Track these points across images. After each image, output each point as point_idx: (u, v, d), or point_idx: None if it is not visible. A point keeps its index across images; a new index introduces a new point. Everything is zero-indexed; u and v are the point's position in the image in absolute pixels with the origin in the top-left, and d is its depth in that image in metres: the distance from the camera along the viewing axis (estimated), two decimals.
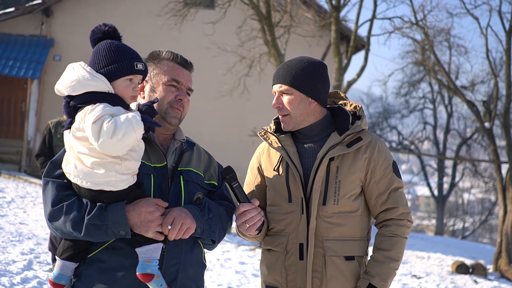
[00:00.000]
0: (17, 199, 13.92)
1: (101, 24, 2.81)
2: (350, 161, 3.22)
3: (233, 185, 3.04)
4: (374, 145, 3.26)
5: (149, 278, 2.70)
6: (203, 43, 19.84)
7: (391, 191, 3.25)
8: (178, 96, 3.00)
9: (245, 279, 9.73)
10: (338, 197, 3.17)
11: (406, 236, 3.25)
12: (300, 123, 3.28)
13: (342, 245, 3.18)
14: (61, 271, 2.81)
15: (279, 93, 3.30)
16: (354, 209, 3.22)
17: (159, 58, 3.06)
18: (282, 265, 3.25)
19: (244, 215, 3.08)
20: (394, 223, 3.23)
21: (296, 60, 3.31)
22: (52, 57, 20.60)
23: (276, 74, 3.32)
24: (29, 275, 7.53)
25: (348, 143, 3.22)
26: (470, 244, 30.35)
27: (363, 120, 3.28)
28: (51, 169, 2.83)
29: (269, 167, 3.36)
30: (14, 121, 20.79)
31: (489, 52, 17.52)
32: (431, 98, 35.43)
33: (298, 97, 3.25)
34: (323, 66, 3.32)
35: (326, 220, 3.18)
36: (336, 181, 3.18)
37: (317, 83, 3.26)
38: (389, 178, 3.25)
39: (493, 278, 14.40)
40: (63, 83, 2.70)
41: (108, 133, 2.53)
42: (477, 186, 43.15)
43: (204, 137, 19.70)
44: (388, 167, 3.26)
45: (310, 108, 3.27)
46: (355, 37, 16.15)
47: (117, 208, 2.69)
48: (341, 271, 3.18)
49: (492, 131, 17.15)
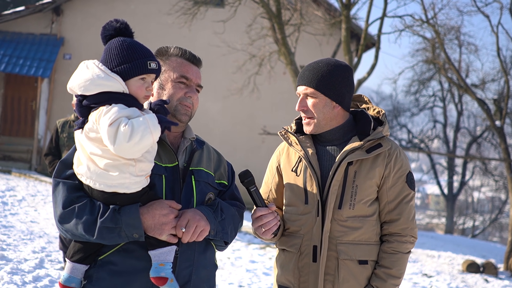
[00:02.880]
0: (28, 198, 13.97)
1: (113, 20, 2.73)
2: (368, 166, 3.19)
3: (251, 189, 3.05)
4: (393, 153, 3.24)
5: (163, 282, 2.66)
6: (213, 41, 19.84)
7: (400, 201, 3.23)
8: (187, 93, 2.94)
9: (256, 277, 9.72)
10: (354, 201, 3.16)
11: (408, 252, 3.24)
12: (322, 127, 3.26)
13: (355, 249, 3.17)
14: (71, 274, 2.76)
15: (304, 95, 3.26)
16: (369, 214, 3.20)
17: (167, 55, 3.00)
18: (296, 266, 3.25)
19: (260, 219, 3.10)
20: (396, 240, 3.21)
21: (323, 63, 3.26)
22: (62, 56, 20.64)
23: (302, 76, 3.27)
24: (40, 274, 7.55)
25: (368, 148, 3.20)
26: (480, 242, 30.26)
27: (385, 126, 3.26)
28: (61, 169, 2.77)
29: (288, 167, 3.35)
30: (25, 119, 20.87)
31: (500, 50, 17.38)
32: (441, 96, 35.33)
33: (323, 101, 3.22)
34: (349, 70, 3.29)
35: (340, 223, 3.17)
36: (353, 186, 3.17)
37: (343, 87, 3.23)
38: (401, 188, 3.22)
39: (504, 277, 14.34)
40: (76, 82, 2.63)
41: (125, 136, 2.48)
42: (487, 185, 43.07)
43: (213, 135, 19.70)
44: (401, 176, 3.23)
45: (333, 112, 3.24)
46: (365, 35, 16.10)
47: (131, 210, 2.65)
48: (353, 275, 3.17)
49: (503, 129, 17.08)
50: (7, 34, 20.46)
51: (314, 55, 19.44)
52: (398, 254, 3.19)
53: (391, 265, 3.18)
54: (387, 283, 3.16)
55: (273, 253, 12.59)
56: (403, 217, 3.21)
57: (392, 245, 3.20)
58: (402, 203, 3.22)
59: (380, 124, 3.31)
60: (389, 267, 3.18)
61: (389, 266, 3.18)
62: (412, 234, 3.23)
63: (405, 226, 3.21)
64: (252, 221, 3.16)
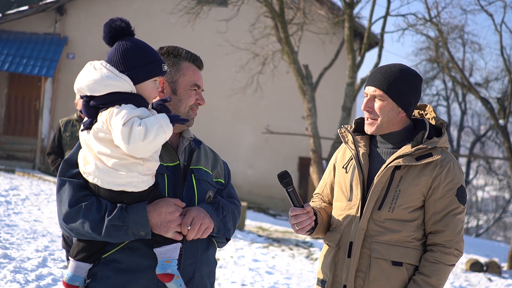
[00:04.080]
0: (31, 197, 14.00)
1: (117, 20, 2.71)
2: (415, 174, 3.21)
3: (288, 189, 3.14)
4: (446, 164, 3.23)
5: (169, 278, 2.69)
6: (216, 40, 19.86)
7: (447, 214, 3.22)
8: (197, 100, 3.02)
9: (259, 276, 9.73)
10: (394, 205, 3.19)
11: (451, 264, 3.22)
12: (383, 129, 3.30)
13: (390, 249, 3.19)
14: (75, 272, 2.77)
15: (371, 97, 3.30)
16: (409, 219, 3.22)
17: (179, 57, 3.01)
18: (333, 260, 3.34)
19: (294, 218, 3.21)
20: (440, 250, 3.19)
21: (396, 68, 3.29)
22: (66, 55, 20.70)
23: (373, 77, 3.31)
24: (43, 272, 7.57)
25: (417, 156, 3.22)
26: (484, 242, 30.23)
27: (442, 138, 3.28)
28: (65, 168, 2.78)
29: (341, 164, 3.45)
30: (28, 119, 20.92)
31: (504, 49, 17.43)
32: (445, 95, 35.32)
33: (390, 105, 3.26)
34: (419, 79, 3.33)
35: (378, 223, 3.22)
36: (396, 190, 3.21)
37: (411, 95, 3.28)
38: (449, 200, 3.21)
39: (507, 276, 14.33)
40: (84, 83, 2.62)
41: (140, 136, 2.50)
42: (491, 184, 43.04)
43: (217, 134, 19.72)
44: (452, 189, 3.22)
45: (397, 118, 3.29)
46: (369, 34, 16.11)
47: (139, 209, 2.67)
48: (385, 275, 3.18)
49: (507, 128, 17.07)
50: (11, 33, 20.51)
51: (317, 54, 19.48)
52: (439, 264, 3.17)
53: (431, 274, 3.16)
54: None
55: (276, 252, 12.61)
56: (449, 229, 3.20)
57: (434, 255, 3.19)
58: (449, 215, 3.21)
59: (439, 135, 3.33)
60: (428, 275, 3.16)
61: (429, 275, 3.16)
62: (457, 247, 3.22)
63: (450, 239, 3.20)
64: (289, 218, 3.28)
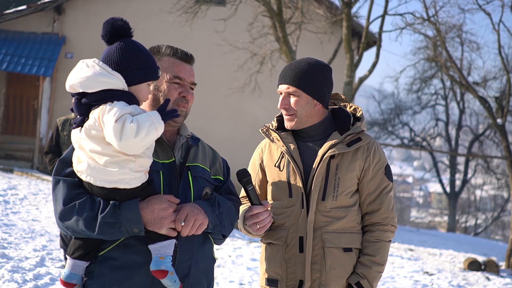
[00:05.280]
0: (29, 196, 14.00)
1: (117, 19, 2.72)
2: (349, 159, 3.35)
3: (248, 187, 3.17)
4: (371, 146, 3.40)
5: (163, 275, 2.69)
6: (214, 40, 19.85)
7: (380, 192, 3.39)
8: (181, 93, 2.97)
9: (257, 275, 9.73)
10: (337, 193, 3.31)
11: (389, 240, 3.41)
12: (304, 123, 3.40)
13: (340, 237, 3.31)
14: (72, 270, 2.77)
15: (286, 94, 3.40)
16: (351, 204, 3.36)
17: (159, 54, 3.01)
18: (283, 258, 3.38)
19: (256, 217, 3.23)
20: (378, 228, 3.38)
21: (304, 62, 3.40)
22: (64, 55, 20.70)
23: (284, 75, 3.41)
24: (41, 272, 7.57)
25: (348, 142, 3.36)
26: (482, 241, 30.27)
27: (363, 122, 3.43)
28: (61, 167, 2.79)
29: (270, 163, 3.48)
30: (27, 118, 20.92)
31: (502, 48, 17.39)
32: (443, 94, 35.34)
33: (305, 99, 3.36)
34: (329, 69, 3.44)
35: (324, 214, 3.31)
36: (335, 178, 3.32)
37: (323, 86, 3.39)
38: (380, 180, 3.40)
39: (505, 275, 14.35)
40: (77, 80, 2.63)
41: (132, 132, 2.51)
42: (490, 183, 43.07)
43: (215, 133, 19.72)
44: (380, 169, 3.40)
45: (314, 110, 3.39)
46: (367, 33, 16.12)
47: (131, 205, 2.67)
48: (340, 262, 3.31)
49: (505, 127, 17.10)
50: (9, 33, 20.51)
51: (315, 53, 19.46)
52: (380, 242, 3.36)
53: (375, 253, 3.34)
54: (372, 270, 3.32)
55: None
56: (384, 207, 3.39)
57: (374, 234, 3.37)
58: (382, 194, 3.40)
59: (357, 120, 3.47)
60: (372, 254, 3.34)
61: (373, 254, 3.34)
62: (392, 223, 3.42)
63: (386, 216, 3.39)
64: (247, 218, 3.28)
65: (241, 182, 3.15)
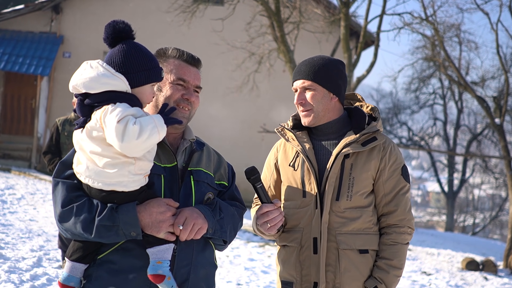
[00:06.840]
0: (27, 196, 13.98)
1: (120, 22, 2.71)
2: (364, 159, 3.30)
3: (257, 185, 3.13)
4: (387, 146, 3.35)
5: (160, 279, 2.67)
6: (212, 39, 19.82)
7: (397, 193, 3.33)
8: (184, 95, 2.94)
9: (254, 275, 9.72)
10: (351, 193, 3.26)
11: (407, 243, 3.34)
12: (321, 119, 3.36)
13: (355, 239, 3.26)
14: (70, 273, 2.77)
15: (302, 89, 3.37)
16: (366, 205, 3.30)
17: (166, 56, 2.99)
18: (297, 260, 3.33)
19: (266, 215, 3.17)
20: (395, 231, 3.32)
21: (318, 58, 3.40)
22: (62, 54, 20.67)
23: (298, 71, 3.38)
24: (38, 272, 7.55)
25: (363, 142, 3.31)
26: (480, 240, 30.28)
27: (378, 122, 3.38)
28: (61, 169, 2.79)
29: (285, 162, 3.44)
30: (24, 118, 20.90)
31: (500, 47, 17.37)
32: (441, 93, 35.33)
33: (321, 92, 3.33)
34: (342, 64, 3.42)
35: (339, 215, 3.26)
36: (350, 178, 3.27)
37: (338, 79, 3.36)
38: (396, 180, 3.34)
39: (503, 275, 14.34)
40: (80, 81, 2.62)
41: (134, 134, 2.49)
42: (488, 182, 43.11)
43: (213, 133, 19.70)
44: (397, 169, 3.35)
45: (331, 104, 3.36)
46: (365, 33, 16.11)
47: (128, 209, 2.65)
48: (354, 264, 3.25)
49: (503, 127, 17.08)
50: (7, 32, 20.48)
51: (313, 52, 19.33)
52: (397, 245, 3.30)
53: (392, 256, 3.28)
54: (390, 274, 3.26)
55: (272, 251, 12.60)
56: (400, 208, 3.33)
57: (391, 237, 3.30)
58: (399, 195, 3.33)
59: (374, 120, 3.42)
60: (390, 258, 3.28)
61: (390, 258, 3.28)
62: (409, 225, 3.35)
63: (403, 217, 3.33)
64: (257, 217, 3.22)
65: (249, 179, 3.10)
